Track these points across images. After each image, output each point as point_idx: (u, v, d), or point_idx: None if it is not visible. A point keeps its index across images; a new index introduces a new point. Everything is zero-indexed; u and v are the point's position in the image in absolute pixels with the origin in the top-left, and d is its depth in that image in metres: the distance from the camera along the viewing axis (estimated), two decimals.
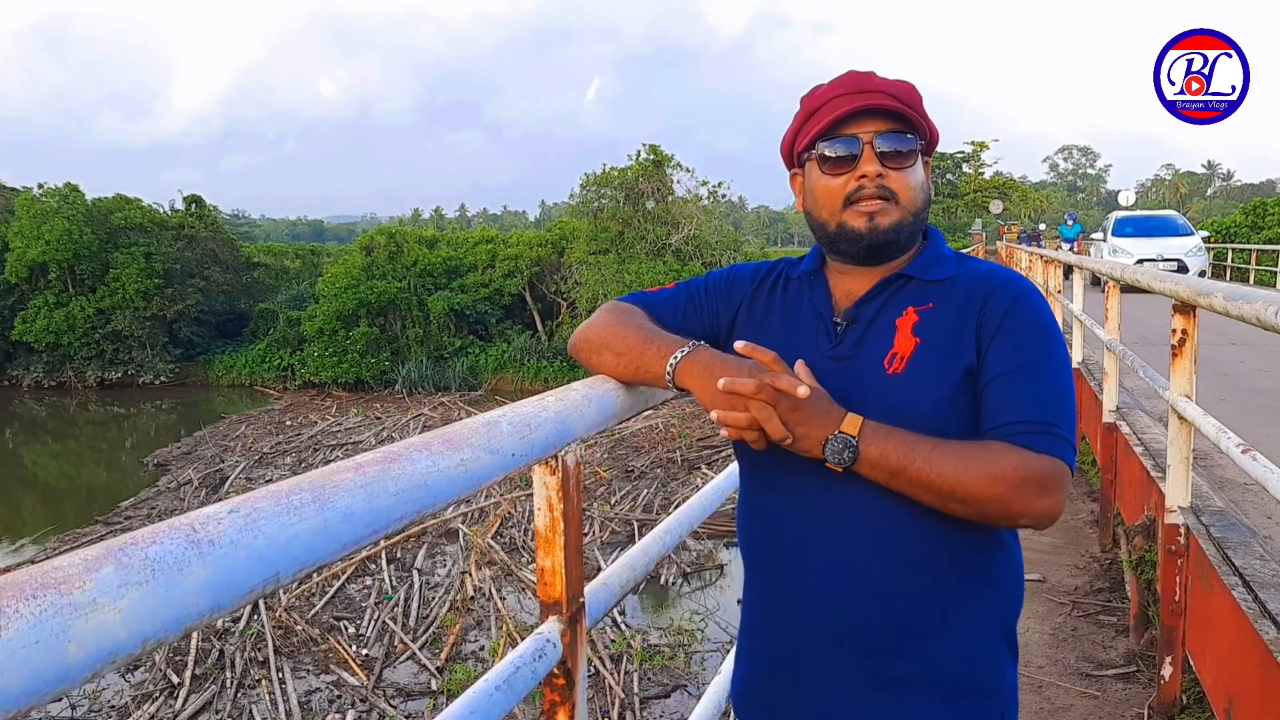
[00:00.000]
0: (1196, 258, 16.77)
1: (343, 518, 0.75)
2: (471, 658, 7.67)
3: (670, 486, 12.30)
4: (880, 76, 1.29)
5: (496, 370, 23.05)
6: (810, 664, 1.26)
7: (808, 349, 1.27)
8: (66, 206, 24.83)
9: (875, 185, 1.24)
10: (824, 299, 1.31)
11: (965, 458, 1.13)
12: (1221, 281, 3.22)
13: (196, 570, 0.60)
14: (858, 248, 1.26)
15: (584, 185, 24.82)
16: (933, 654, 1.22)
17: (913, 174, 1.26)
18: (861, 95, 1.25)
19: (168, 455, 16.51)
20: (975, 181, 42.91)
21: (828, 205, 1.27)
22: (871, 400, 1.20)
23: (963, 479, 1.12)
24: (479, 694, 1.01)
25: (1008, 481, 1.12)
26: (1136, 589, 3.79)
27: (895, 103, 1.24)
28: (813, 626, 1.25)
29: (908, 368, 1.21)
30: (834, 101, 1.26)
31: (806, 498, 1.24)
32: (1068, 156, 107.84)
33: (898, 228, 1.25)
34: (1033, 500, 1.12)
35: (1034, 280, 7.49)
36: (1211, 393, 5.33)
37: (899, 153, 1.24)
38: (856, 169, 1.24)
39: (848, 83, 1.27)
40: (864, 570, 1.21)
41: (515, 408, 1.10)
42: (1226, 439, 2.56)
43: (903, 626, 1.21)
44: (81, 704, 7.01)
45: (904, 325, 1.24)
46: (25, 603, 0.51)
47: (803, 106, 1.31)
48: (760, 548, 1.34)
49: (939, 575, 1.22)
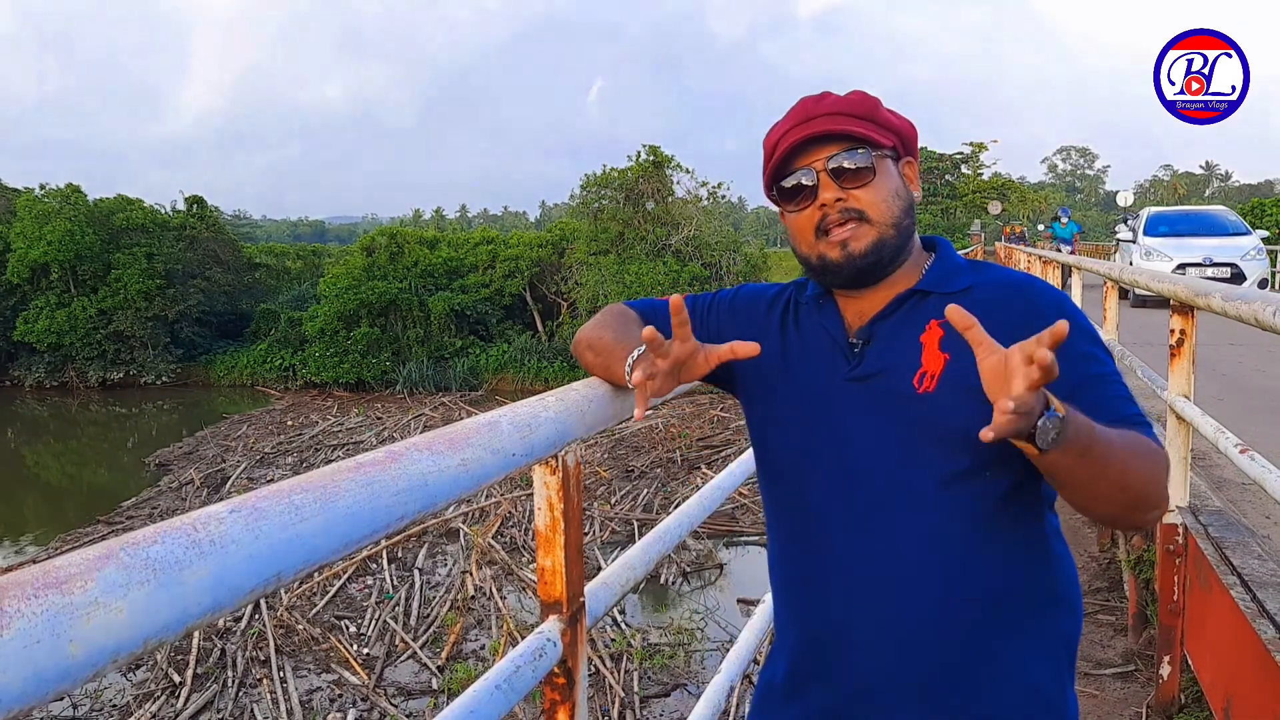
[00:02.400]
0: (1255, 262, 13.26)
1: (344, 517, 0.75)
2: (472, 657, 7.67)
3: (670, 486, 12.30)
4: (833, 96, 1.26)
5: (497, 370, 23.04)
6: (874, 709, 1.21)
7: (826, 374, 1.24)
8: (68, 207, 24.83)
9: (838, 210, 1.21)
10: (835, 322, 1.28)
11: (1126, 437, 1.08)
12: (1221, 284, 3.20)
13: (198, 570, 0.61)
14: (841, 277, 1.24)
15: (584, 186, 24.81)
16: (999, 688, 1.18)
17: (879, 186, 1.22)
18: (804, 125, 1.23)
19: (169, 455, 16.50)
20: (974, 182, 42.82)
21: (803, 240, 1.26)
22: (904, 420, 1.17)
23: (1131, 460, 1.07)
24: (479, 693, 1.01)
25: (1163, 464, 1.11)
26: (1135, 588, 3.79)
27: (840, 123, 1.22)
28: (876, 667, 1.20)
29: (940, 385, 1.16)
30: (783, 137, 1.24)
31: (848, 534, 1.20)
32: (1066, 157, 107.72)
33: (877, 248, 1.21)
34: (1166, 489, 1.13)
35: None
36: (1210, 393, 5.33)
37: (856, 170, 1.22)
38: (817, 199, 1.22)
39: (795, 114, 1.25)
40: (922, 604, 1.17)
41: (515, 408, 1.11)
42: (1225, 439, 2.56)
43: (967, 660, 1.17)
44: (83, 703, 7.01)
45: (929, 342, 1.19)
46: (27, 602, 0.51)
47: (763, 148, 1.29)
48: (803, 590, 1.29)
49: (1000, 600, 1.18)
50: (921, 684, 1.18)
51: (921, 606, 1.17)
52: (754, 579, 8.83)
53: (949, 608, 1.17)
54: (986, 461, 1.15)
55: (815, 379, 1.24)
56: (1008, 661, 1.18)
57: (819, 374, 1.24)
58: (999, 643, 1.18)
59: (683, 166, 24.31)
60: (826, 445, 1.23)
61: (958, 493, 1.16)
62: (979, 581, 1.17)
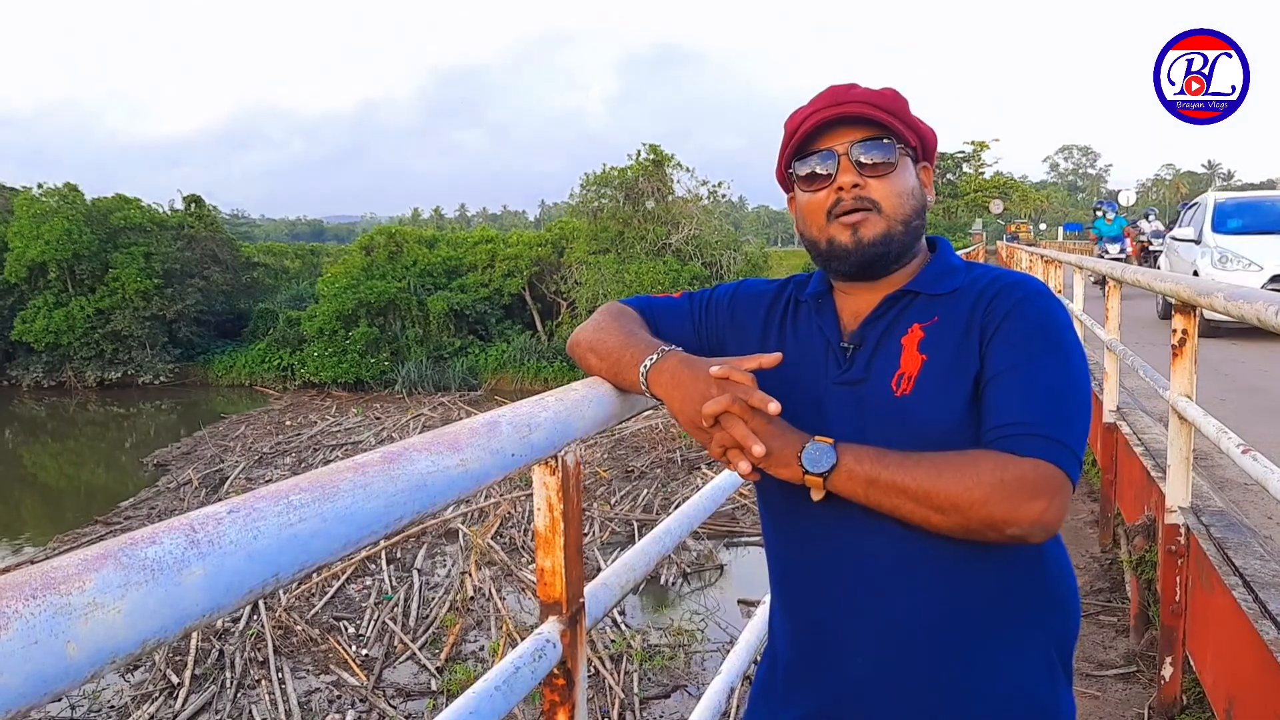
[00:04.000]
0: None
1: (343, 518, 0.75)
2: (471, 658, 7.66)
3: (670, 486, 12.30)
4: (862, 87, 1.25)
5: (496, 370, 23.04)
6: (863, 710, 1.21)
7: (819, 376, 1.24)
8: (66, 206, 24.81)
9: (853, 196, 1.21)
10: (831, 323, 1.27)
11: (940, 463, 1.08)
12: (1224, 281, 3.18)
13: (196, 570, 0.60)
14: (848, 264, 1.23)
15: (584, 185, 24.82)
16: (988, 689, 1.17)
17: (897, 181, 1.22)
18: (835, 107, 1.22)
19: (167, 455, 16.49)
20: (975, 181, 42.90)
21: (814, 222, 1.25)
22: (883, 425, 1.16)
23: (936, 483, 1.06)
24: (479, 694, 1.01)
25: (983, 485, 1.05)
26: (1137, 589, 3.79)
27: (871, 110, 1.21)
28: (862, 672, 1.20)
29: (915, 388, 1.17)
30: (810, 117, 1.23)
31: (833, 540, 1.20)
32: (1068, 156, 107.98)
33: (885, 239, 1.21)
34: (1016, 506, 1.05)
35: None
36: (1212, 393, 5.33)
37: (878, 161, 1.21)
38: (834, 182, 1.22)
39: (825, 97, 1.25)
40: (911, 606, 1.17)
41: (515, 408, 1.10)
42: (1227, 439, 2.56)
43: (957, 660, 1.17)
44: (81, 704, 7.01)
45: (909, 344, 1.19)
46: (25, 603, 0.51)
47: (785, 129, 1.28)
48: (795, 595, 1.29)
49: (990, 600, 1.17)
50: (910, 685, 1.18)
51: (910, 608, 1.17)
52: (754, 580, 8.82)
53: (937, 609, 1.16)
54: None
55: (809, 382, 1.23)
56: (997, 662, 1.17)
57: (812, 377, 1.24)
58: (989, 643, 1.17)
59: (683, 165, 24.35)
60: None
61: None
62: (967, 582, 1.16)
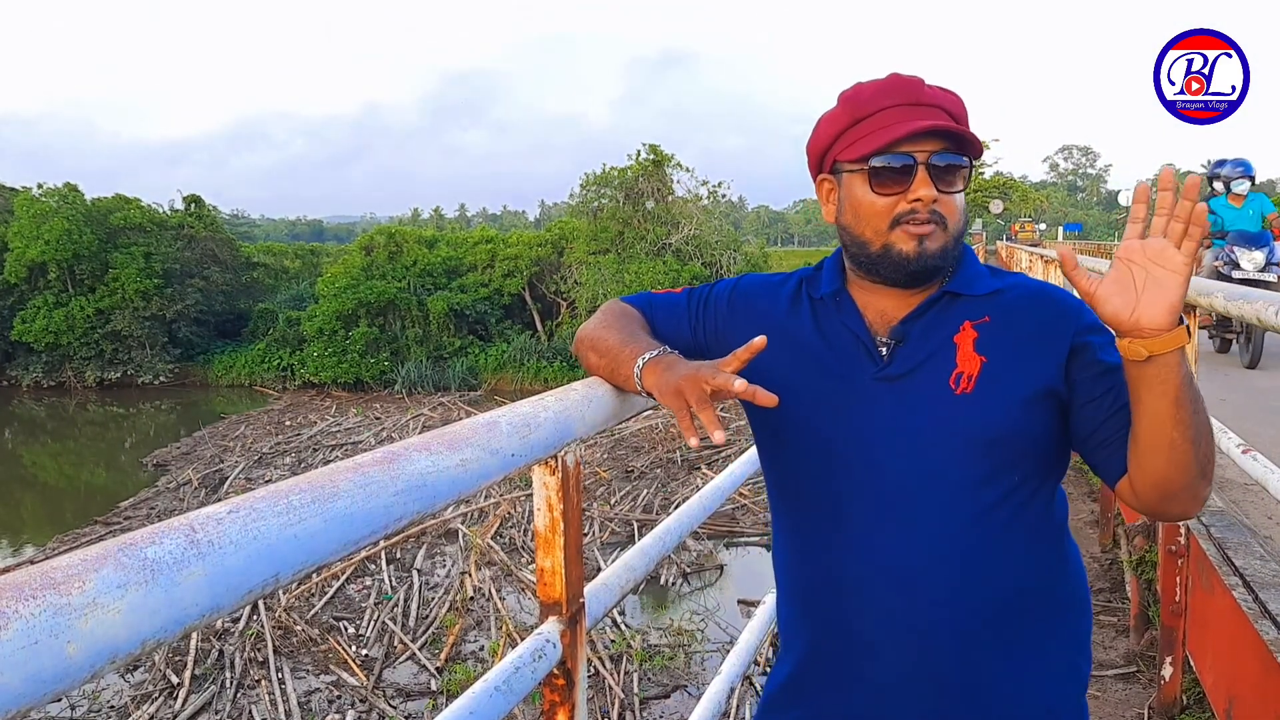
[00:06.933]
0: None
1: (342, 518, 0.75)
2: (471, 658, 7.66)
3: (670, 486, 12.29)
4: (929, 85, 1.20)
5: (496, 370, 23.02)
6: (890, 709, 1.21)
7: (854, 372, 1.23)
8: (66, 206, 24.79)
9: (928, 210, 1.16)
10: (856, 319, 1.24)
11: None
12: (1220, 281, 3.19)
13: (196, 571, 0.60)
14: (902, 273, 1.18)
15: (584, 185, 24.80)
16: (1017, 688, 1.18)
17: (960, 197, 1.20)
18: (917, 109, 1.17)
19: (167, 455, 16.47)
20: (975, 181, 42.91)
21: (873, 224, 1.19)
22: (939, 421, 1.16)
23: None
24: (479, 694, 1.01)
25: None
26: (1137, 589, 3.79)
27: (952, 121, 1.17)
28: (891, 676, 1.20)
29: (977, 387, 1.16)
30: (886, 113, 1.17)
31: (862, 541, 1.20)
32: (1068, 156, 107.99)
33: (944, 253, 1.18)
34: (1207, 491, 1.10)
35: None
36: (1212, 393, 5.32)
37: (953, 177, 1.17)
38: (910, 190, 1.16)
39: (899, 91, 1.18)
40: (946, 603, 1.17)
41: (515, 408, 1.10)
42: (1227, 439, 2.56)
43: (987, 660, 1.17)
44: (81, 704, 7.00)
45: (963, 342, 1.18)
46: (25, 603, 0.51)
47: (843, 108, 1.21)
48: (816, 598, 1.27)
49: (1022, 600, 1.18)
50: (939, 684, 1.18)
51: (945, 606, 1.17)
52: (754, 580, 8.82)
53: (972, 607, 1.17)
54: (1015, 462, 1.17)
55: (840, 378, 1.22)
56: (1026, 661, 1.19)
57: (844, 373, 1.23)
58: (1019, 643, 1.18)
59: (683, 165, 24.33)
60: (851, 445, 1.21)
61: (986, 493, 1.16)
62: (1001, 581, 1.17)
